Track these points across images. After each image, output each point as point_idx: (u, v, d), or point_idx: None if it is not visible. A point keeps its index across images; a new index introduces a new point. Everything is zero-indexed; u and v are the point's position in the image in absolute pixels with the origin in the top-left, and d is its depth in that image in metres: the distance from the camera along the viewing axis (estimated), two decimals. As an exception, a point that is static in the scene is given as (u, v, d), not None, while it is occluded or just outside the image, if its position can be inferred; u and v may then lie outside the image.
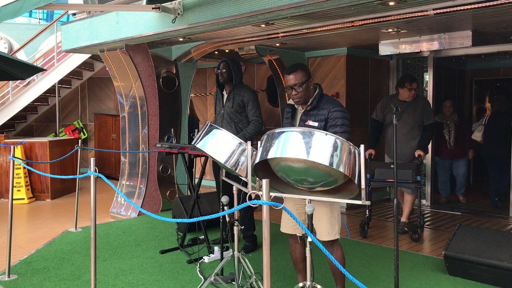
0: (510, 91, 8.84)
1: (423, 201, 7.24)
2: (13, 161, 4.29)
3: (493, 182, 7.05)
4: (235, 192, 3.66)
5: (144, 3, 4.80)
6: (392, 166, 5.19)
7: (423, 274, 4.19)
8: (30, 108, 9.77)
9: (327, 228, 3.18)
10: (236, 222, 3.60)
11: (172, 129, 6.31)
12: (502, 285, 3.81)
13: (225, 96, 4.82)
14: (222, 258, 3.87)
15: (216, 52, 7.07)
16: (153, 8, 4.71)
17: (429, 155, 7.17)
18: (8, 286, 3.90)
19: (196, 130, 4.05)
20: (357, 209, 6.86)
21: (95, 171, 3.13)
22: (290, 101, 3.41)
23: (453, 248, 4.07)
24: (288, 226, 3.36)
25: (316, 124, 3.23)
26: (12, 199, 4.31)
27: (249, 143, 3.07)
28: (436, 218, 6.45)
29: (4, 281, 4.01)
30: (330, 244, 3.22)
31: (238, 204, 3.63)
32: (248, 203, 2.20)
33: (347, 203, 6.63)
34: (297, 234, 3.23)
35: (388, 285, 3.88)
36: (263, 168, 2.99)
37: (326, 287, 3.15)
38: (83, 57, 8.91)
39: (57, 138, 9.24)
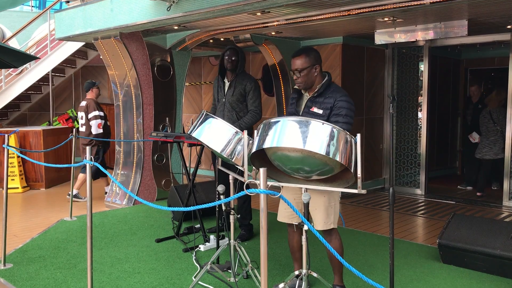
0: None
1: (417, 190, 7.29)
2: (7, 150, 4.26)
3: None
4: (231, 181, 3.66)
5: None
6: None
7: (417, 262, 4.22)
8: (23, 97, 9.70)
9: (323, 217, 3.19)
10: (232, 211, 3.61)
11: (167, 118, 6.29)
12: (495, 272, 3.85)
13: (227, 84, 4.73)
14: (218, 246, 3.89)
15: (211, 41, 7.03)
16: (148, -4, 4.67)
17: (423, 143, 7.21)
18: (4, 275, 3.90)
19: (191, 119, 4.03)
20: (352, 198, 6.89)
21: (91, 159, 3.12)
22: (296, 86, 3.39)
23: (447, 236, 4.10)
24: (285, 215, 3.37)
25: (320, 111, 3.18)
26: (7, 188, 4.29)
27: (245, 132, 3.06)
28: (430, 207, 6.49)
29: (0, 270, 4.02)
30: (328, 233, 3.25)
31: (235, 193, 3.64)
32: (246, 192, 2.20)
33: (341, 192, 6.64)
34: (294, 223, 3.25)
35: (383, 273, 3.91)
36: (260, 157, 2.99)
37: (322, 274, 3.18)
38: (77, 45, 8.83)
39: (51, 127, 9.19)
